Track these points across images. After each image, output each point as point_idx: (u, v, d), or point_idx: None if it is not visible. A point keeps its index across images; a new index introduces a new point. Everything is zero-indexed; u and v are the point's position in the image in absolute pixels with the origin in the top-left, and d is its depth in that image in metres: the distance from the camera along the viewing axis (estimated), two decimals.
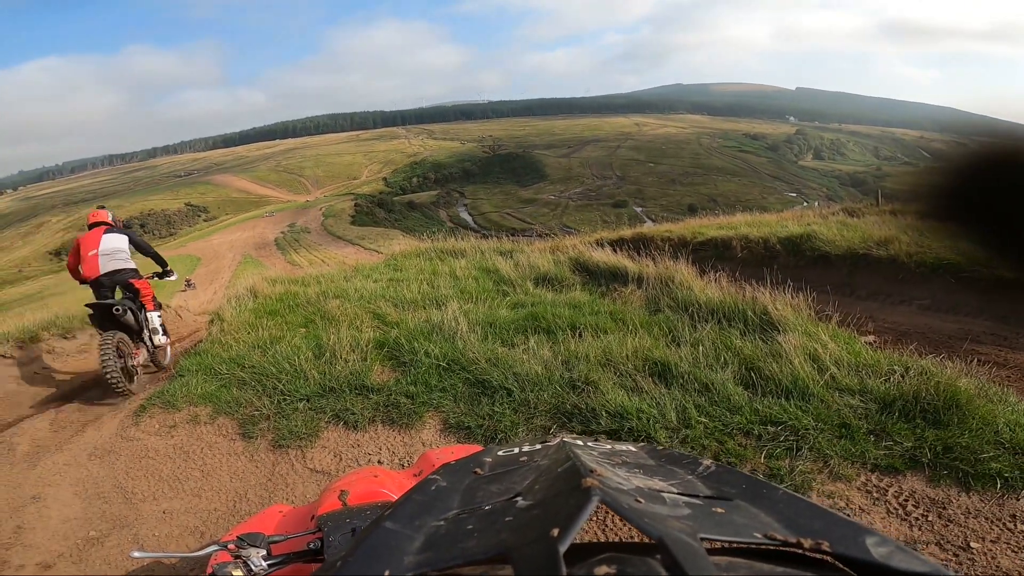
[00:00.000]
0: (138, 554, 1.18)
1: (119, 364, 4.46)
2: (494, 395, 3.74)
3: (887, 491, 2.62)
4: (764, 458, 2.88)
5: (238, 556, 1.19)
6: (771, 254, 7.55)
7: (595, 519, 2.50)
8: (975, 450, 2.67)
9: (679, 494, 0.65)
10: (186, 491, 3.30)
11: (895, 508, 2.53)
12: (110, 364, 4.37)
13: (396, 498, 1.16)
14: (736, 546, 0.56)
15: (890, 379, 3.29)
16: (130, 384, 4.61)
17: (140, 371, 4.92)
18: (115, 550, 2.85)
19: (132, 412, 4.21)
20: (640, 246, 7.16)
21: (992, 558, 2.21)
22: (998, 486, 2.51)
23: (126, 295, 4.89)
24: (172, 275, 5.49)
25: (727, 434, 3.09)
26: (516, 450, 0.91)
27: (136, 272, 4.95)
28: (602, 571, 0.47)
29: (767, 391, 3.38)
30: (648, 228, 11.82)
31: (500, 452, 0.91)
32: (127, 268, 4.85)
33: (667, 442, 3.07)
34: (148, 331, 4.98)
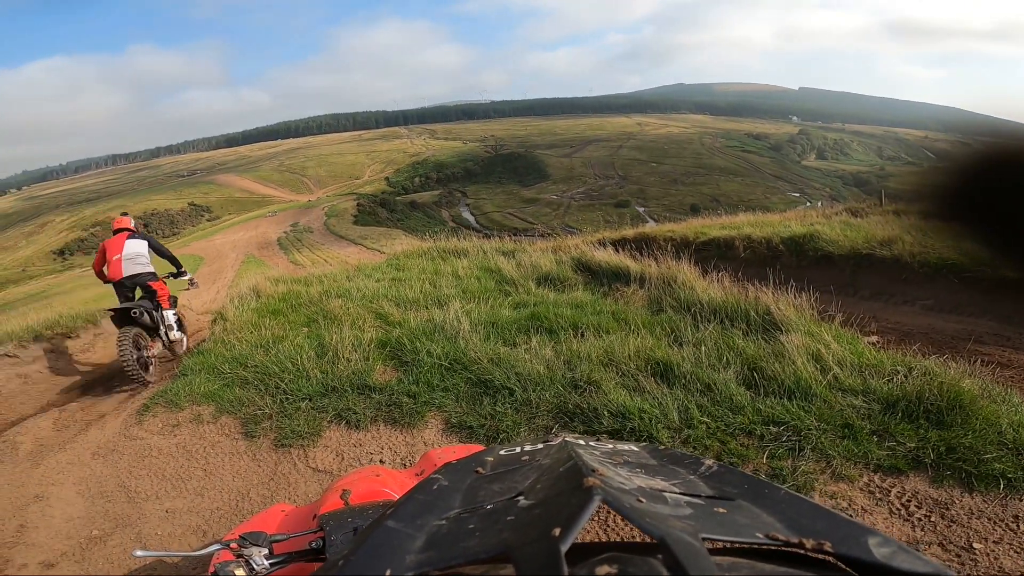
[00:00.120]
0: (141, 553, 1.19)
1: (135, 355, 4.92)
2: (496, 395, 3.75)
3: (890, 492, 2.62)
4: (766, 458, 2.88)
5: (240, 555, 1.20)
6: (774, 254, 7.52)
7: (597, 519, 2.50)
8: (978, 451, 2.66)
9: (681, 494, 0.65)
10: (189, 490, 3.31)
11: (898, 509, 2.53)
12: (128, 355, 4.83)
13: (398, 497, 1.16)
14: (738, 546, 0.56)
15: (893, 379, 3.28)
16: (146, 373, 5.06)
17: (155, 362, 5.39)
18: (118, 549, 2.86)
19: (135, 411, 4.24)
20: (642, 246, 7.15)
21: (995, 559, 2.20)
22: (1001, 487, 2.50)
23: (144, 295, 5.38)
24: (186, 275, 5.98)
25: (729, 434, 3.08)
26: (518, 449, 0.91)
27: (154, 275, 5.44)
28: (603, 571, 0.47)
29: (770, 391, 3.37)
30: (650, 228, 11.79)
31: (502, 451, 0.91)
32: (146, 272, 5.36)
33: (669, 442, 3.07)
34: (164, 327, 5.49)
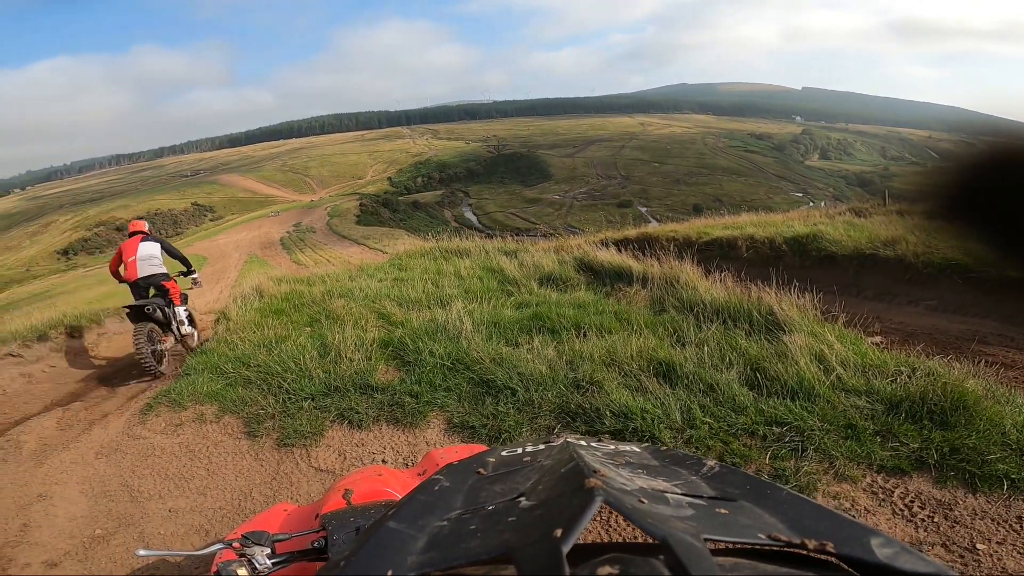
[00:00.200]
0: (143, 552, 1.19)
1: (149, 348, 5.25)
2: (498, 395, 3.75)
3: (893, 492, 2.61)
4: (769, 459, 2.87)
5: (243, 554, 1.20)
6: (777, 254, 7.50)
7: (598, 519, 2.50)
8: (982, 451, 2.65)
9: (683, 495, 0.64)
10: (192, 489, 3.31)
11: (901, 509, 2.52)
12: (143, 348, 5.16)
13: (400, 497, 1.16)
14: (740, 547, 0.56)
15: (897, 380, 3.27)
16: (159, 365, 5.35)
17: (168, 355, 5.70)
18: (121, 548, 2.87)
19: (139, 410, 4.25)
20: (645, 246, 7.14)
21: (998, 560, 2.19)
22: (1005, 487, 2.49)
23: (157, 294, 5.72)
24: (195, 274, 6.28)
25: (732, 435, 3.08)
26: (520, 450, 0.90)
27: (167, 275, 5.80)
28: (605, 571, 0.47)
29: (772, 392, 3.37)
30: (653, 228, 11.75)
31: (504, 452, 0.91)
32: (159, 272, 5.71)
33: (671, 442, 3.06)
34: (175, 323, 5.82)
